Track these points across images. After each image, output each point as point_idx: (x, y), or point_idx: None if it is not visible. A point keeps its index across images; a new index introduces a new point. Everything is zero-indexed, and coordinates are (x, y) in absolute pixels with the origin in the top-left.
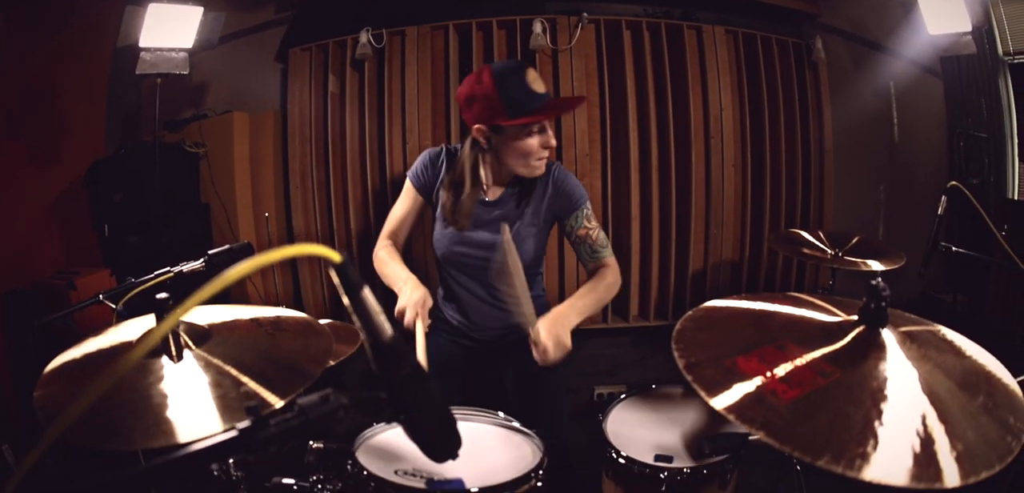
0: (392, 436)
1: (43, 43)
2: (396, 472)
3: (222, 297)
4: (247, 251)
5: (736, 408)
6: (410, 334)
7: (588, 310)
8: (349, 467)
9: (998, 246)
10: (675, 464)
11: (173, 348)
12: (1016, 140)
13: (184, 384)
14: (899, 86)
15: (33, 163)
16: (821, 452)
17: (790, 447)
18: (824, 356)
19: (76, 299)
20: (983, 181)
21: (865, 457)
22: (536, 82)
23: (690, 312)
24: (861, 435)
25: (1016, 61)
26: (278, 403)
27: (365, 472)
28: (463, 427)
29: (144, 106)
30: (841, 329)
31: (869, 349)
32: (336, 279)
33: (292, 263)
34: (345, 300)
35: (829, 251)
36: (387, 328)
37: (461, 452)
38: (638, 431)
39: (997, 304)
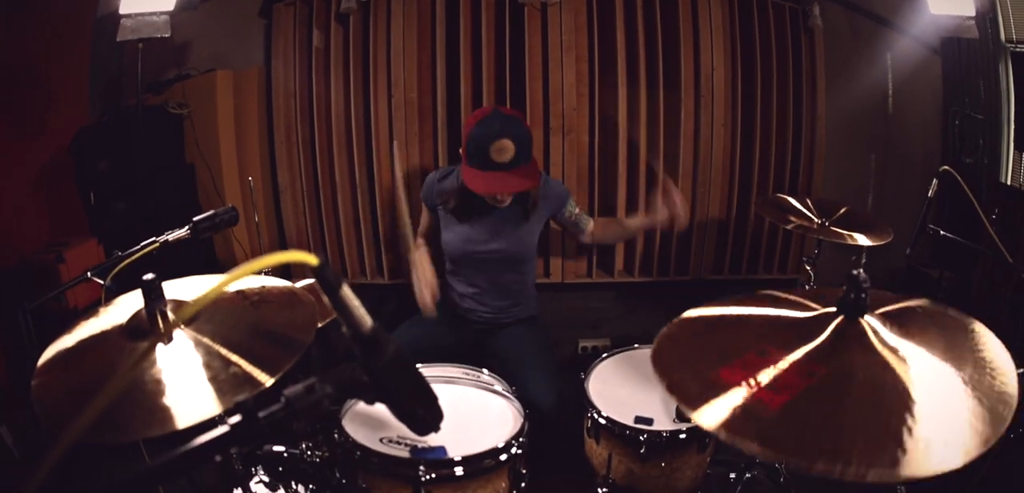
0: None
1: (21, 20)
2: (381, 440)
3: (210, 263)
4: (231, 216)
5: (726, 424)
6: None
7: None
8: (336, 435)
9: (987, 230)
10: (655, 427)
11: (163, 330)
12: (1013, 126)
13: (176, 367)
14: (896, 59)
15: (17, 139)
16: (816, 456)
17: (786, 456)
18: (808, 355)
19: (65, 271)
20: (977, 162)
21: (863, 456)
22: (499, 153)
23: (665, 329)
24: (855, 432)
25: (1018, 49)
26: (268, 381)
27: (351, 440)
28: (447, 392)
29: (126, 70)
30: (819, 323)
31: (850, 339)
32: (315, 281)
33: (278, 219)
34: (325, 299)
35: (816, 220)
36: (367, 319)
37: (445, 417)
38: (619, 391)
39: (982, 288)
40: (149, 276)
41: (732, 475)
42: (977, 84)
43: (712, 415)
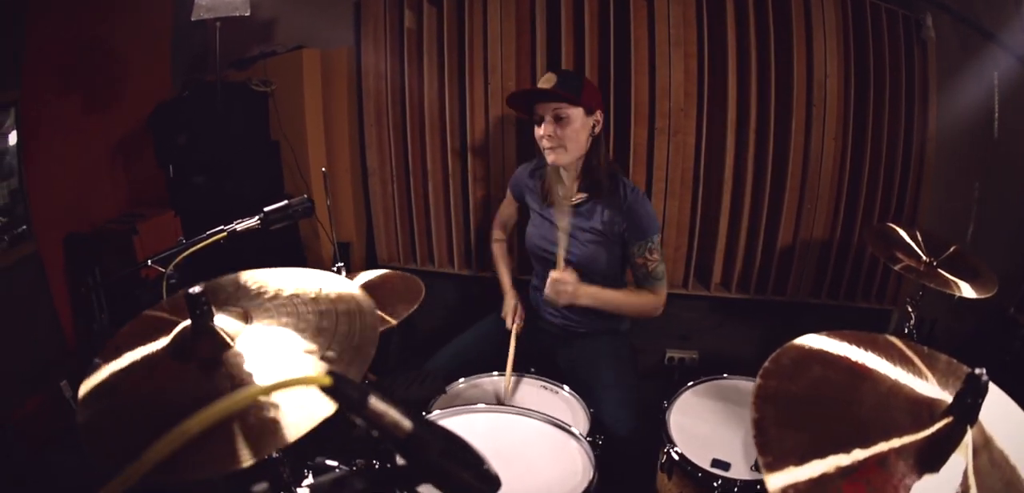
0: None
1: None
2: None
3: (297, 256)
4: (306, 207)
5: None
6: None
7: (610, 304)
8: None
9: None
10: (730, 474)
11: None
12: None
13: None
14: (1003, 78)
15: (92, 111)
16: None
17: None
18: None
19: (138, 243)
20: None
21: None
22: (541, 80)
23: (769, 363)
24: None
25: None
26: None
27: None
28: (517, 426)
29: (209, 46)
30: (929, 414)
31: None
32: (332, 401)
33: (365, 200)
34: (355, 419)
35: (924, 258)
36: (404, 423)
37: (511, 458)
38: (701, 426)
39: None
40: (196, 289)
41: None
42: None
43: None
